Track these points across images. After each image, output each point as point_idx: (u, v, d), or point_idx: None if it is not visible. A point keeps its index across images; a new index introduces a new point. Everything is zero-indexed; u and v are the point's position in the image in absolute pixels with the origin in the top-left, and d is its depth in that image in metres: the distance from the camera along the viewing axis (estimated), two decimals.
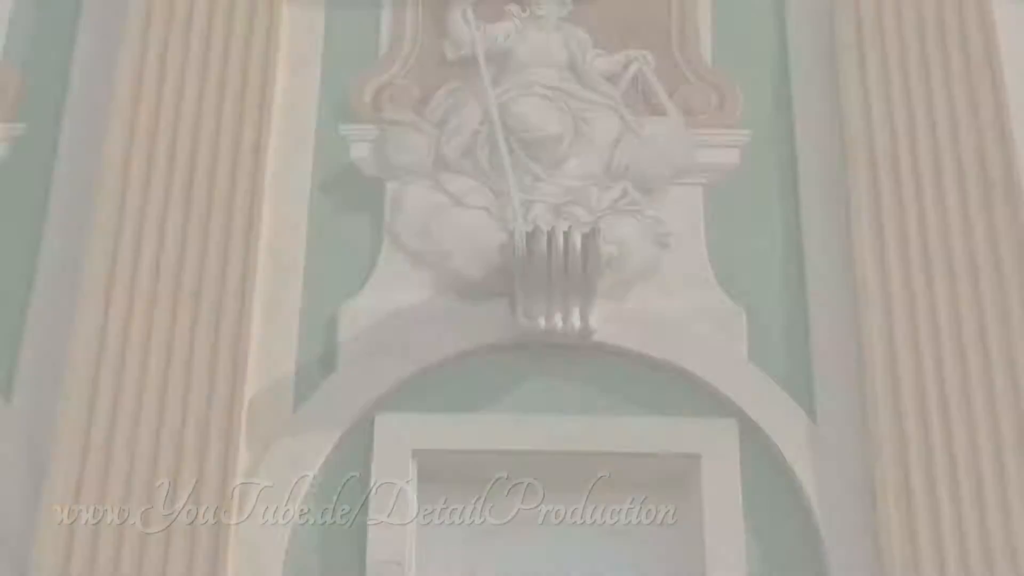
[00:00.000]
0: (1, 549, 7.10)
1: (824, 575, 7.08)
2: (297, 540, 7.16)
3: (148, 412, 7.23)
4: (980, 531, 7.00)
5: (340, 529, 7.22)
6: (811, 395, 7.51)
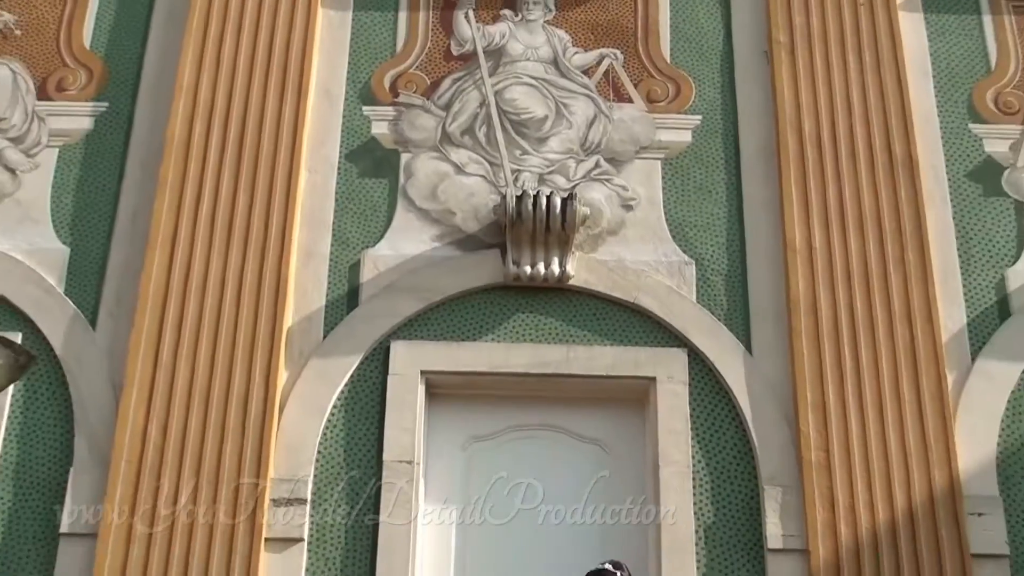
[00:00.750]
0: (90, 443, 7.18)
1: (754, 476, 7.18)
2: (327, 440, 7.27)
3: (206, 337, 7.33)
4: (879, 439, 7.11)
5: (361, 432, 7.32)
6: (747, 331, 7.59)
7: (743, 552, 7.06)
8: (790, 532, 7.01)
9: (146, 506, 6.94)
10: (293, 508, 7.03)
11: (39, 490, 7.15)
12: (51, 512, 7.07)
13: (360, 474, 7.23)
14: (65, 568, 6.92)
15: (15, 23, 8.46)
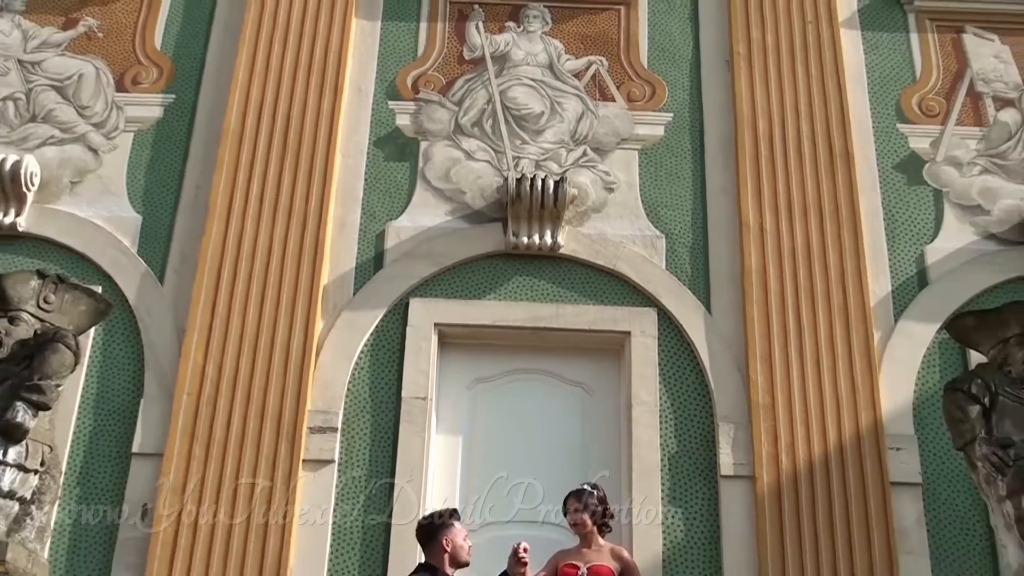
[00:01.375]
0: (158, 378, 7.29)
1: (711, 414, 7.27)
2: (355, 379, 7.35)
3: (255, 292, 7.42)
4: (816, 386, 7.21)
5: (384, 373, 7.40)
6: (708, 294, 7.65)
7: (700, 478, 7.15)
8: (740, 461, 7.10)
9: (203, 431, 7.02)
10: (326, 435, 7.13)
11: (115, 417, 7.25)
12: (125, 436, 7.17)
13: (383, 408, 7.30)
14: (136, 482, 7.01)
15: (98, 27, 8.47)
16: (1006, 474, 4.87)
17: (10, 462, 4.67)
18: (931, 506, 7.07)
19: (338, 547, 6.94)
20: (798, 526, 6.88)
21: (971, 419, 5.06)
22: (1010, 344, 5.08)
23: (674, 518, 7.04)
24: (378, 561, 6.90)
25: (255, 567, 6.71)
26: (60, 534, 6.88)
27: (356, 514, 7.03)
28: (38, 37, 8.42)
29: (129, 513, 6.95)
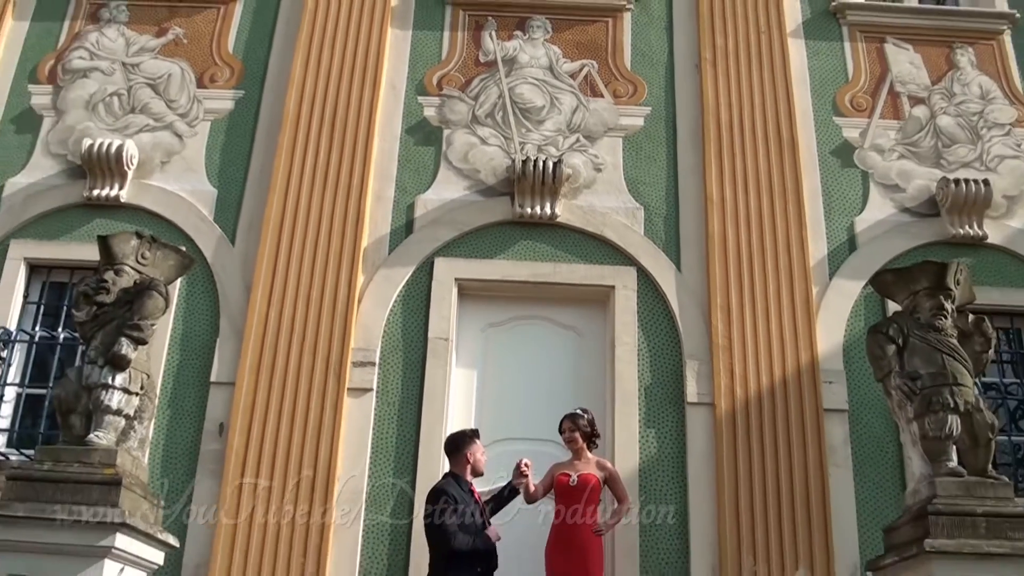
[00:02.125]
0: (231, 322, 7.37)
1: (679, 353, 7.34)
2: (390, 323, 7.41)
3: (308, 252, 7.49)
4: (765, 330, 7.28)
5: (413, 318, 7.48)
6: (678, 255, 7.67)
7: (670, 404, 7.24)
8: (703, 391, 7.19)
9: (267, 365, 7.13)
10: (366, 368, 7.23)
11: (197, 353, 7.35)
12: (205, 368, 7.28)
13: (412, 346, 7.37)
14: (215, 405, 7.14)
15: (184, 35, 8.50)
16: (914, 401, 4.99)
17: (117, 386, 4.79)
18: (855, 428, 7.19)
19: (376, 458, 7.07)
20: (748, 444, 7.00)
21: (888, 356, 5.16)
22: (920, 295, 5.18)
23: (648, 437, 7.15)
24: (408, 467, 7.03)
25: (309, 472, 6.85)
26: (156, 447, 7.04)
27: (391, 433, 7.14)
28: (137, 43, 8.47)
29: (209, 430, 7.10)
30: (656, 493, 7.00)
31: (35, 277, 7.80)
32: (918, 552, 4.45)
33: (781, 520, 6.79)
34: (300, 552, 6.66)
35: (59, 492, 4.39)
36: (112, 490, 4.42)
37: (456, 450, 6.00)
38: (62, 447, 4.70)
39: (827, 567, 6.66)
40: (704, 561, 6.77)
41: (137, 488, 4.68)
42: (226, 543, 6.65)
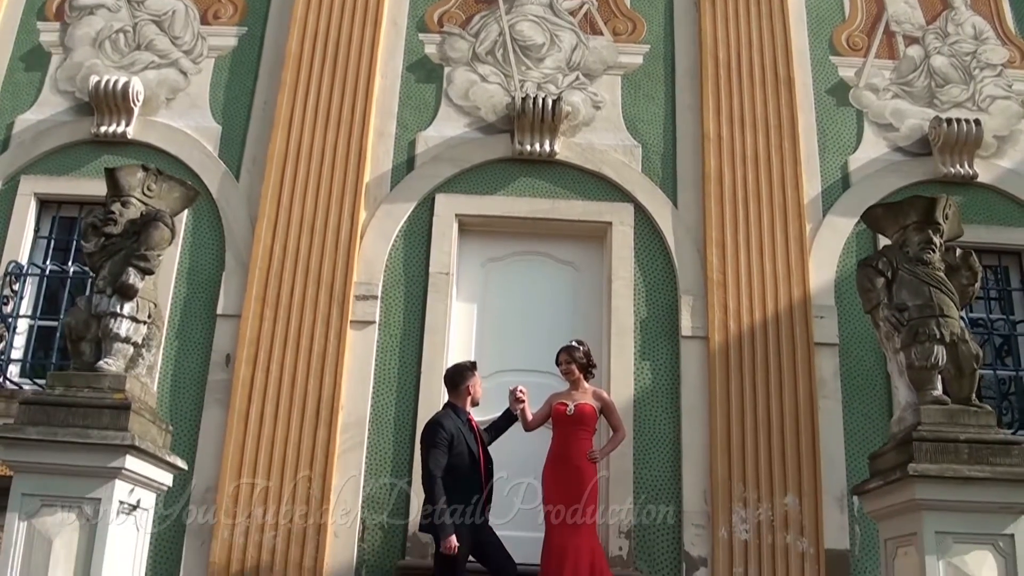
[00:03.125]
0: (236, 256, 7.41)
1: (675, 287, 7.35)
2: (392, 258, 7.43)
3: (311, 187, 7.48)
4: (759, 266, 7.29)
5: (415, 253, 7.48)
6: (675, 192, 7.65)
7: (665, 338, 7.28)
8: (697, 325, 7.23)
9: (272, 297, 7.16)
10: (369, 301, 7.26)
11: (203, 286, 7.39)
12: (211, 301, 7.31)
13: (414, 280, 7.39)
14: (221, 337, 7.20)
15: None
16: (901, 332, 5.02)
17: (125, 315, 4.82)
18: (845, 362, 7.24)
19: (379, 388, 7.14)
20: (741, 376, 7.06)
21: (877, 289, 5.18)
22: (909, 229, 5.17)
23: (644, 369, 7.20)
24: (410, 397, 7.09)
25: (314, 401, 6.94)
26: (164, 377, 7.12)
27: (393, 364, 7.19)
28: None
29: (216, 361, 7.16)
30: (650, 423, 7.08)
31: (45, 212, 7.81)
32: (902, 476, 4.51)
33: (771, 449, 6.88)
34: (306, 476, 6.78)
35: (70, 416, 4.45)
36: (122, 414, 4.48)
37: (456, 383, 6.10)
38: (73, 373, 4.74)
39: (815, 494, 6.76)
40: (696, 487, 6.87)
41: (146, 413, 4.74)
42: (234, 467, 6.77)
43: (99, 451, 4.32)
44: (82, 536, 4.16)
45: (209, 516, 6.72)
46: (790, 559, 6.63)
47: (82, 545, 4.14)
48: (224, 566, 6.56)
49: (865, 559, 6.76)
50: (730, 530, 6.69)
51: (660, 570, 6.76)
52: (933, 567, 4.32)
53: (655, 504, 6.88)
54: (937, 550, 4.35)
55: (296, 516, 6.68)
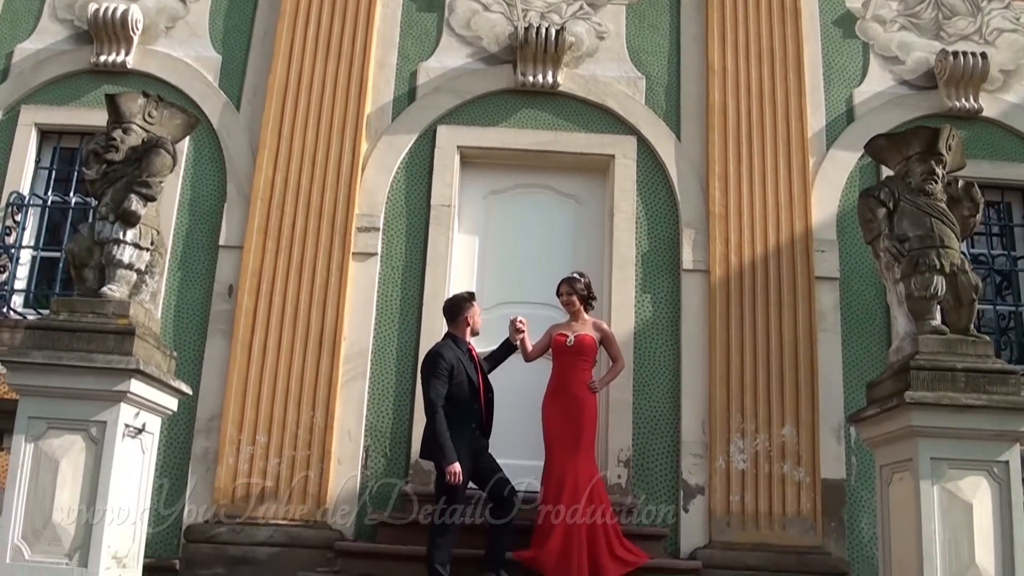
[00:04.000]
0: (237, 187, 7.39)
1: (677, 221, 7.34)
2: (393, 190, 7.41)
3: (312, 117, 7.43)
4: (761, 199, 7.25)
5: (416, 185, 7.45)
6: (678, 125, 7.58)
7: (666, 271, 7.29)
8: (698, 259, 7.23)
9: (273, 229, 7.17)
10: (370, 233, 7.26)
11: (205, 218, 7.38)
12: (213, 232, 7.31)
13: (415, 213, 7.38)
14: (223, 268, 7.21)
15: None
16: (901, 262, 5.03)
17: (128, 241, 4.83)
18: (845, 296, 7.27)
19: (382, 320, 7.17)
20: (741, 309, 7.09)
21: (878, 219, 5.17)
22: (911, 160, 5.15)
23: (644, 302, 7.22)
24: (412, 328, 7.14)
25: (317, 332, 6.98)
26: (167, 308, 7.16)
27: (395, 296, 7.22)
28: None
29: (219, 292, 7.19)
30: (650, 355, 7.13)
31: (46, 143, 7.77)
32: (898, 404, 4.55)
33: (770, 381, 6.94)
34: (309, 404, 6.86)
35: (75, 341, 4.48)
36: (126, 339, 4.51)
37: (455, 313, 6.16)
38: (77, 299, 4.77)
39: (812, 425, 6.84)
40: (694, 418, 6.95)
41: (150, 338, 4.77)
42: (238, 396, 6.85)
43: (104, 375, 4.36)
44: (88, 457, 4.22)
45: (213, 443, 6.83)
46: (786, 488, 6.73)
47: (89, 466, 4.20)
48: (229, 491, 6.68)
49: (861, 488, 6.86)
50: (728, 460, 6.79)
51: (658, 498, 6.86)
52: (928, 492, 4.38)
53: (653, 435, 6.97)
54: (932, 475, 4.41)
55: (300, 444, 6.78)
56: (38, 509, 4.03)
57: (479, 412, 5.94)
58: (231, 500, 6.66)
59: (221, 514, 6.64)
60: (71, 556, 3.97)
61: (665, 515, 6.82)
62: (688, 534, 6.75)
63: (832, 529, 6.76)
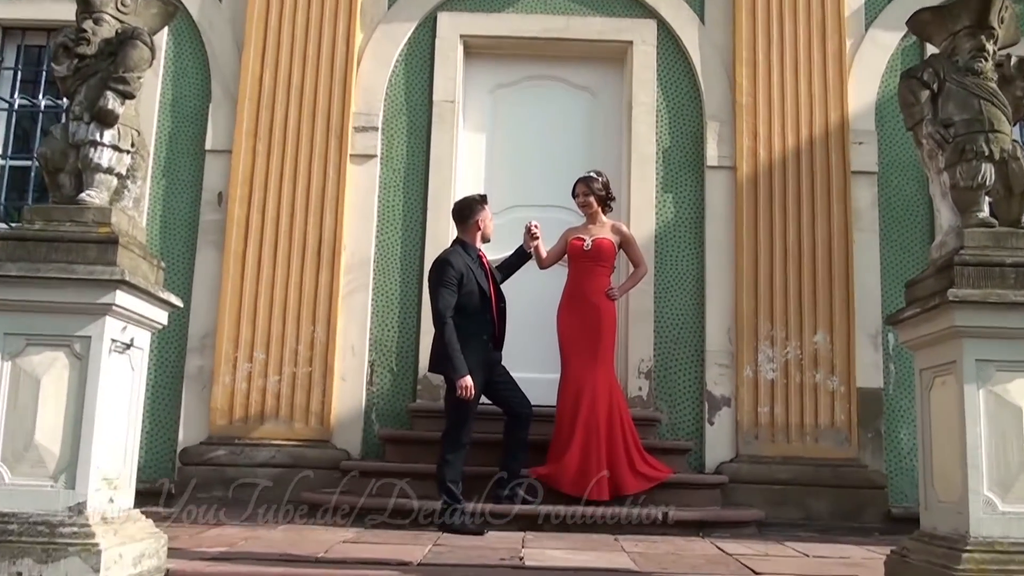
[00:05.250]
0: (222, 86, 7.25)
1: (700, 113, 7.23)
2: (392, 85, 7.30)
3: (301, 7, 7.25)
4: (792, 87, 7.11)
5: (417, 80, 7.34)
6: (702, 6, 7.40)
7: (689, 168, 7.22)
8: (724, 154, 7.15)
9: (264, 131, 7.07)
10: (369, 133, 7.19)
11: (189, 120, 7.30)
12: (199, 136, 7.24)
13: (416, 110, 7.30)
14: (211, 174, 7.16)
15: None
16: (945, 149, 4.89)
17: (106, 143, 4.73)
18: (884, 191, 7.18)
19: (383, 225, 7.15)
20: (770, 208, 7.01)
21: (921, 103, 5.00)
22: (959, 36, 4.96)
23: (665, 202, 7.17)
24: (417, 234, 7.14)
25: (314, 241, 6.95)
26: (153, 218, 7.14)
27: (397, 200, 7.18)
28: None
29: (207, 200, 7.15)
30: (672, 258, 7.10)
31: (9, 41, 7.62)
32: (940, 302, 4.47)
33: (801, 285, 6.90)
34: (309, 319, 6.87)
35: (53, 251, 4.41)
36: (109, 248, 4.44)
37: (464, 217, 6.08)
38: (53, 207, 4.68)
39: (847, 331, 6.82)
40: (720, 326, 6.95)
41: (135, 247, 4.71)
42: (232, 311, 6.86)
43: (87, 287, 4.31)
44: (73, 375, 4.19)
45: (208, 361, 6.87)
46: (819, 398, 6.75)
47: (73, 384, 4.18)
48: (226, 411, 6.75)
49: (899, 396, 6.88)
50: (756, 369, 6.81)
51: (681, 410, 6.91)
52: (973, 396, 4.31)
53: (676, 344, 6.99)
54: (978, 378, 4.33)
55: (301, 360, 6.82)
56: (19, 430, 4.02)
57: (491, 323, 5.93)
58: (229, 420, 6.73)
59: (219, 435, 6.72)
60: (56, 478, 3.98)
61: (689, 428, 6.88)
62: (713, 448, 6.80)
63: (868, 440, 6.80)
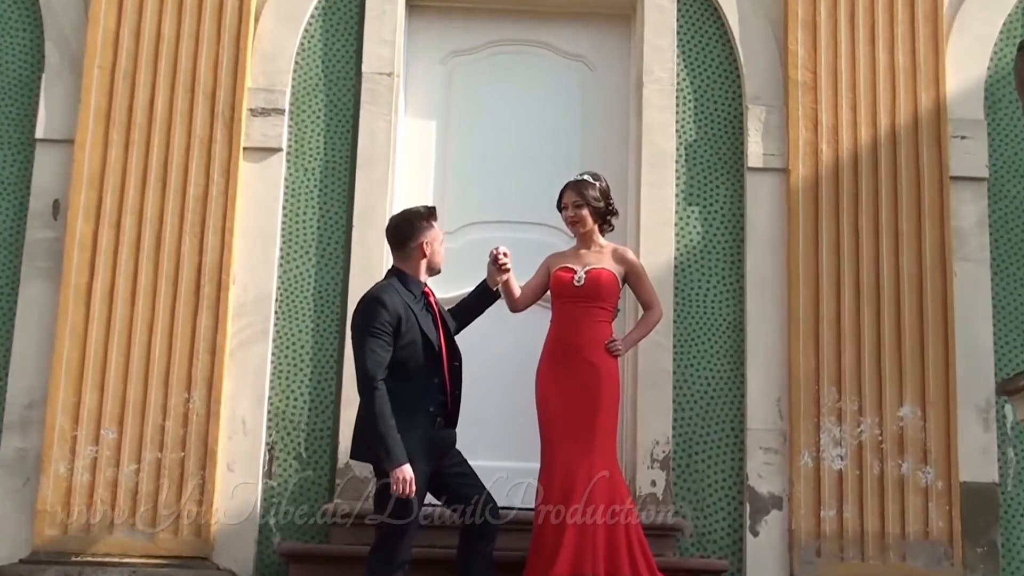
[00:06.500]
0: (61, 48, 7.16)
1: (739, 94, 7.18)
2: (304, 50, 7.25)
3: None
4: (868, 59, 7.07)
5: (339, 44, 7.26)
6: None
7: (723, 170, 7.09)
8: (771, 151, 7.00)
9: (121, 114, 6.89)
10: (271, 118, 7.00)
11: (11, 97, 7.09)
12: (26, 119, 7.05)
13: (339, 86, 7.16)
14: (43, 173, 6.97)
15: None
16: None
17: None
18: (996, 205, 7.05)
19: (290, 251, 6.99)
20: (837, 228, 6.87)
21: None
22: None
23: (689, 218, 7.04)
24: (339, 268, 7.01)
25: (192, 271, 6.76)
26: None
27: (310, 213, 7.03)
28: None
29: (38, 210, 6.91)
30: (698, 298, 6.95)
31: None
32: None
33: (881, 337, 6.76)
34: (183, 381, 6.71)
35: None
36: None
37: (404, 238, 5.86)
38: None
39: (946, 402, 6.66)
40: (766, 394, 6.83)
41: None
42: (71, 370, 6.63)
43: None
44: None
45: (33, 443, 6.63)
46: (907, 497, 6.61)
47: None
48: (59, 516, 6.51)
49: (1022, 495, 6.74)
50: (817, 456, 6.67)
51: (711, 515, 6.76)
52: None
53: (705, 420, 6.87)
54: None
55: (169, 442, 6.62)
56: None
57: (441, 389, 5.75)
58: (63, 529, 6.49)
59: (47, 549, 6.48)
60: None
61: (723, 540, 6.76)
62: (758, 568, 6.65)
63: (979, 557, 6.62)
